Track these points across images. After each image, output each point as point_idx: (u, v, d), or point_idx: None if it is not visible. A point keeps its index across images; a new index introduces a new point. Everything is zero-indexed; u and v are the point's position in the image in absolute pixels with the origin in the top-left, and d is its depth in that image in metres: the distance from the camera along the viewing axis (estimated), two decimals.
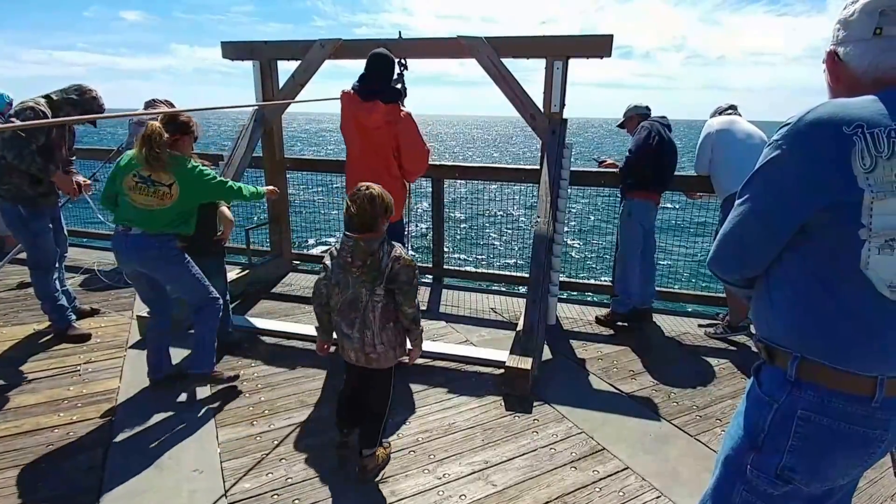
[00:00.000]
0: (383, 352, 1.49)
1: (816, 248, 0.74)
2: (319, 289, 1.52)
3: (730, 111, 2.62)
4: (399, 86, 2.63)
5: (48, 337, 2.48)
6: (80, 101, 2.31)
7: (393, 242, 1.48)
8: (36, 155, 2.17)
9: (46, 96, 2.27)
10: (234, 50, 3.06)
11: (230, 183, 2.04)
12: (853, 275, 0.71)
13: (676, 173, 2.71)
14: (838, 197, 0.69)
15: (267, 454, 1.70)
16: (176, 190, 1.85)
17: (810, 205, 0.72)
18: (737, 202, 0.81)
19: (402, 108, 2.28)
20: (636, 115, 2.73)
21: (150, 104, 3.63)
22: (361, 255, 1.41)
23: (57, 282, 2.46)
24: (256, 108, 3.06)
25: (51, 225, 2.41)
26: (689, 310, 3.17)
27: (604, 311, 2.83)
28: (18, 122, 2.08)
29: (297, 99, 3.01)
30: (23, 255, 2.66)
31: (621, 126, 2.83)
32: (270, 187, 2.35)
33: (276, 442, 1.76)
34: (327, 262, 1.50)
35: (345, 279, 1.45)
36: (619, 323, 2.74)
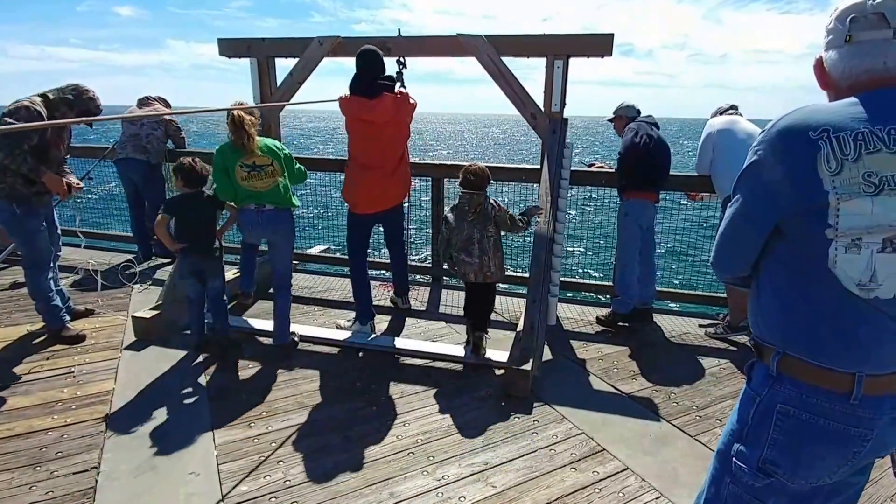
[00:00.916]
0: (496, 270, 2.24)
1: (791, 249, 0.77)
2: (444, 234, 2.27)
3: (730, 111, 2.62)
4: (398, 84, 2.62)
5: (42, 338, 2.45)
6: (76, 101, 2.29)
7: (490, 198, 2.20)
8: (28, 155, 2.14)
9: (43, 95, 2.24)
10: (231, 47, 3.03)
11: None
12: (824, 274, 0.73)
13: (681, 173, 2.70)
14: (806, 199, 0.72)
15: (264, 457, 1.68)
16: (278, 166, 2.25)
17: (783, 207, 0.75)
18: (728, 204, 0.85)
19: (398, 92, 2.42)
20: (625, 117, 2.73)
21: (144, 101, 3.59)
22: (475, 204, 2.17)
23: (51, 282, 2.43)
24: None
25: (44, 223, 2.39)
26: (690, 310, 3.16)
27: (604, 312, 2.82)
28: (12, 121, 2.05)
29: (295, 96, 2.98)
30: (14, 256, 2.62)
31: (611, 121, 2.84)
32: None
33: (273, 444, 1.75)
34: (449, 216, 2.24)
35: (461, 223, 2.19)
36: (620, 323, 2.73)
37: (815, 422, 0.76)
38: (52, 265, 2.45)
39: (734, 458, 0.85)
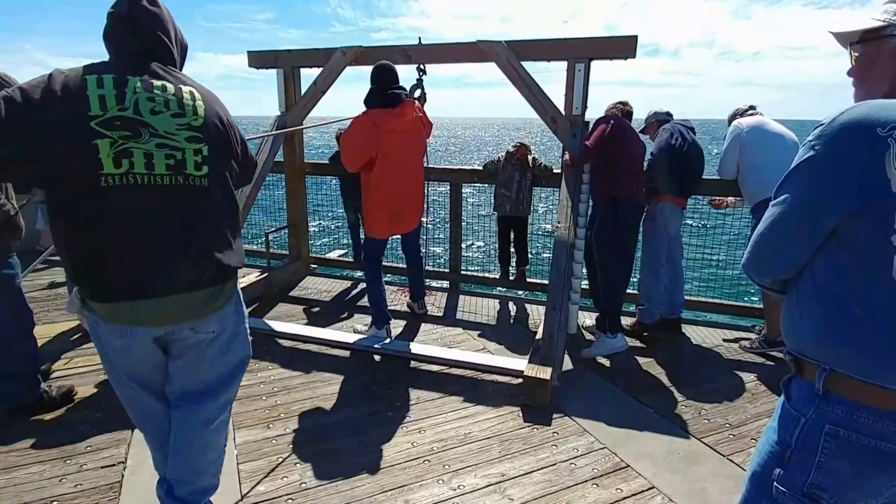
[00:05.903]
0: (526, 206, 3.05)
1: (847, 254, 0.72)
2: (496, 174, 3.10)
3: (751, 112, 2.50)
4: (419, 91, 2.67)
5: (77, 335, 2.57)
6: None
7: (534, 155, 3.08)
8: None
9: None
10: (259, 59, 3.15)
11: None
12: (886, 283, 0.68)
13: (704, 177, 2.60)
14: (871, 200, 0.67)
15: (282, 458, 1.69)
16: None
17: (842, 207, 0.70)
18: (772, 202, 0.78)
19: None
20: (656, 122, 2.67)
21: None
22: (522, 156, 3.02)
23: None
24: (278, 116, 3.16)
25: None
26: (722, 321, 3.01)
27: (629, 321, 2.72)
28: None
29: (318, 103, 3.07)
30: (53, 257, 2.76)
31: (643, 132, 2.76)
32: None
33: (291, 446, 1.76)
34: (501, 162, 3.08)
35: (505, 167, 3.05)
36: (645, 334, 2.62)
37: (867, 443, 0.71)
38: None
39: (775, 483, 0.78)
